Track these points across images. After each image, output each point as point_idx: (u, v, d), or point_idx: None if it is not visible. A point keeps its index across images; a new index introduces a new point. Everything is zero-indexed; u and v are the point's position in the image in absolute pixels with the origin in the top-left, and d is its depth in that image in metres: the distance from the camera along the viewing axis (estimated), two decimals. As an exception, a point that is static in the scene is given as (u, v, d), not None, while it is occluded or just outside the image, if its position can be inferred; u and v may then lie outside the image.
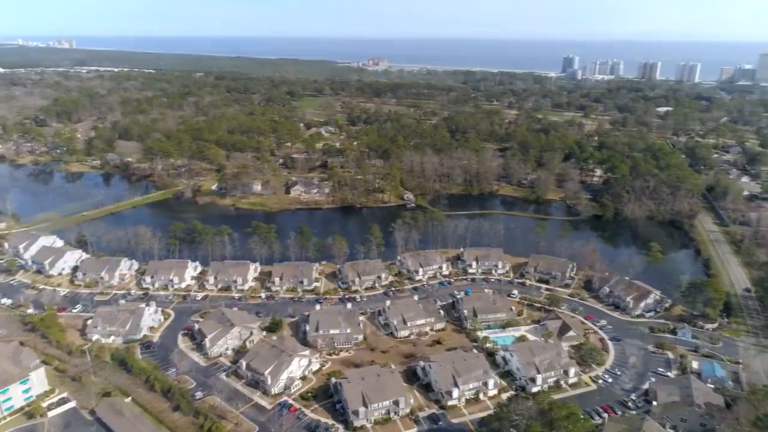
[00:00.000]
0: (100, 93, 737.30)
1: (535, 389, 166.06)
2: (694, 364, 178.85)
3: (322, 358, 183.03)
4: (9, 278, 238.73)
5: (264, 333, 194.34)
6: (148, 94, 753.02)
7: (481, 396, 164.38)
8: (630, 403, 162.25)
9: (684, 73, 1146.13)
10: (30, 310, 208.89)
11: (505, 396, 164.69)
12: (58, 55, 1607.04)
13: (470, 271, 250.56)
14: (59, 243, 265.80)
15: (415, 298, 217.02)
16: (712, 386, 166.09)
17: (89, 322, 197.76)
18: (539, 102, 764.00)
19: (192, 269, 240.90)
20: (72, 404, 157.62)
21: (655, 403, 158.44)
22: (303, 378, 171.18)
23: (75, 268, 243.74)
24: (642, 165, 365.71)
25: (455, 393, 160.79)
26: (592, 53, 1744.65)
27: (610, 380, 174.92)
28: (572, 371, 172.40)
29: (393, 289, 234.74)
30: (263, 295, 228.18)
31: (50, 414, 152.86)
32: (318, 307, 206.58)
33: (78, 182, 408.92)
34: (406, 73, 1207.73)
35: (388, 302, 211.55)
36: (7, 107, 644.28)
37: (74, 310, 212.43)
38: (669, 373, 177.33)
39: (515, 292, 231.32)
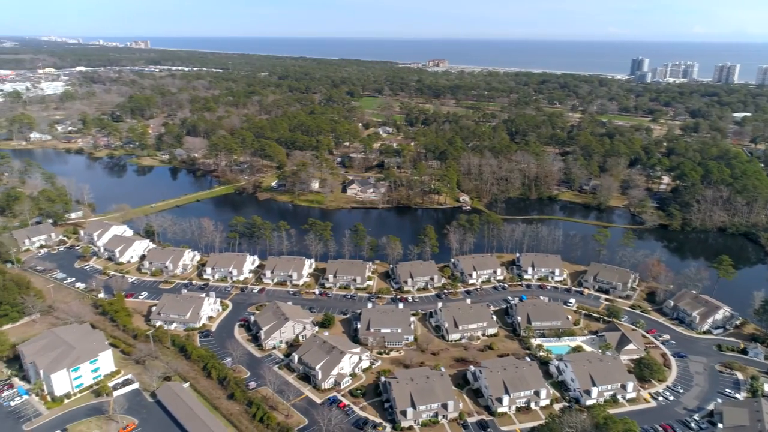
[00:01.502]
0: (172, 91, 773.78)
1: (590, 402, 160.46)
2: (766, 387, 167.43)
3: (373, 356, 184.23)
4: (83, 264, 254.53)
5: (316, 328, 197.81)
6: (215, 92, 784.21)
7: (533, 405, 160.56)
8: (692, 424, 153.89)
9: (766, 76, 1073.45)
10: (101, 295, 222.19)
11: (557, 407, 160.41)
12: (134, 54, 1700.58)
13: (526, 277, 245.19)
14: (129, 232, 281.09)
15: (468, 301, 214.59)
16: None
17: (153, 308, 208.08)
18: (605, 105, 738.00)
19: (250, 263, 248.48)
20: (135, 386, 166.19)
21: (720, 425, 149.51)
22: (353, 375, 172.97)
23: (142, 257, 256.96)
24: (715, 173, 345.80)
25: (506, 400, 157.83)
26: (664, 55, 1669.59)
27: (671, 398, 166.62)
28: (630, 386, 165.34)
29: (445, 291, 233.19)
30: (317, 291, 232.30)
31: (115, 393, 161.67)
32: (370, 305, 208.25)
33: (148, 175, 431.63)
34: (467, 74, 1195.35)
35: (440, 304, 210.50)
36: (88, 103, 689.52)
37: (140, 297, 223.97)
38: (737, 395, 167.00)
39: (572, 300, 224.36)
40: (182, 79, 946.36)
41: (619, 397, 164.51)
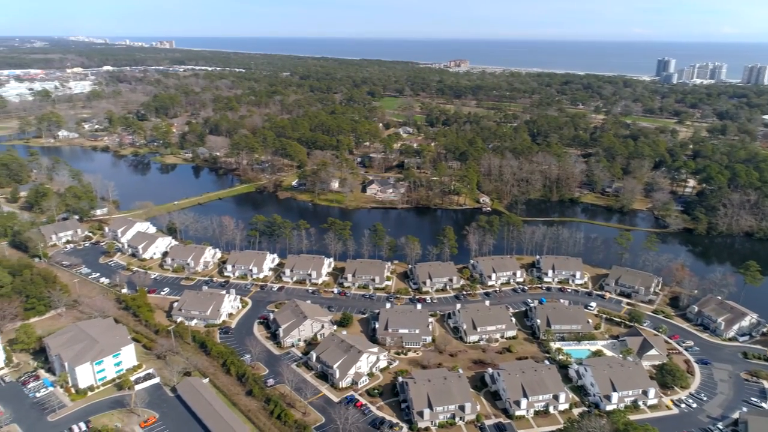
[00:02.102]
0: (195, 90, 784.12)
1: (609, 407, 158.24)
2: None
3: (390, 356, 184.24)
4: (108, 259, 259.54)
5: (335, 327, 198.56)
6: (238, 92, 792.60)
7: (551, 409, 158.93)
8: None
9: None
10: (124, 290, 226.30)
11: (576, 412, 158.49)
12: (159, 54, 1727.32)
13: (546, 279, 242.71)
14: (152, 229, 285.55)
15: (487, 303, 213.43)
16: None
17: (175, 304, 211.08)
18: (629, 106, 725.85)
19: (270, 261, 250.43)
20: (156, 380, 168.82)
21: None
22: (370, 374, 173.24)
23: (165, 254, 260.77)
24: (742, 176, 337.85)
25: (524, 404, 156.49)
26: (691, 56, 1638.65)
27: (694, 405, 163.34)
28: (652, 392, 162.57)
29: (464, 292, 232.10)
30: (336, 290, 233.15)
31: (137, 387, 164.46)
32: (388, 305, 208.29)
33: (171, 173, 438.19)
34: (488, 74, 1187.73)
35: (458, 306, 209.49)
36: (114, 102, 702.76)
37: (162, 293, 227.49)
38: (764, 404, 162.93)
39: (593, 304, 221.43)
40: (206, 79, 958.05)
41: (640, 403, 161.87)
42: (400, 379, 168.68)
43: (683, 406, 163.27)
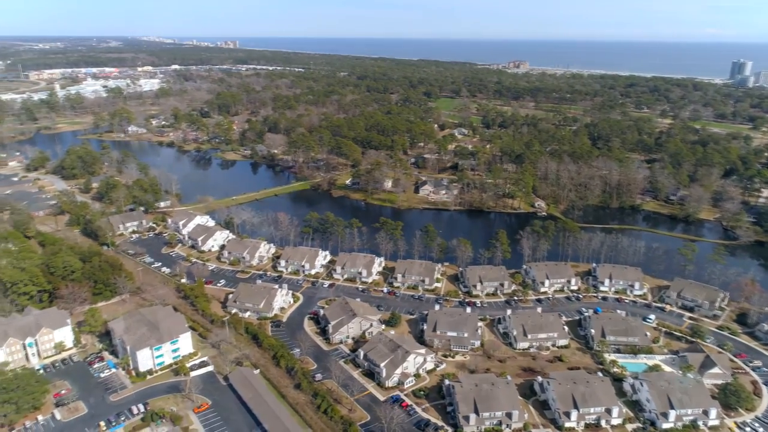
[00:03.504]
0: (256, 89, 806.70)
1: (666, 425, 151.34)
2: None
3: (437, 358, 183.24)
4: (169, 250, 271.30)
5: (383, 326, 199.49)
6: (297, 91, 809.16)
7: (603, 423, 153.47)
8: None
9: None
10: (183, 280, 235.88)
11: (630, 428, 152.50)
12: (223, 54, 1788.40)
13: (602, 288, 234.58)
14: (211, 223, 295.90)
15: (539, 310, 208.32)
16: None
17: (230, 296, 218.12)
18: (698, 111, 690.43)
19: (322, 257, 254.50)
20: (210, 368, 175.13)
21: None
22: (417, 375, 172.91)
23: (222, 247, 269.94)
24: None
25: (574, 415, 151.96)
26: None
27: (760, 430, 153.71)
28: (713, 412, 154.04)
29: (515, 298, 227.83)
30: (385, 289, 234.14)
31: (192, 374, 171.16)
32: (437, 307, 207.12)
33: (231, 169, 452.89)
34: (548, 76, 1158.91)
35: (509, 311, 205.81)
36: (180, 99, 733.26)
37: (218, 284, 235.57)
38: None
39: (652, 316, 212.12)
40: (266, 78, 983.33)
41: (699, 423, 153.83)
42: (447, 382, 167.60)
43: (748, 429, 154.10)
